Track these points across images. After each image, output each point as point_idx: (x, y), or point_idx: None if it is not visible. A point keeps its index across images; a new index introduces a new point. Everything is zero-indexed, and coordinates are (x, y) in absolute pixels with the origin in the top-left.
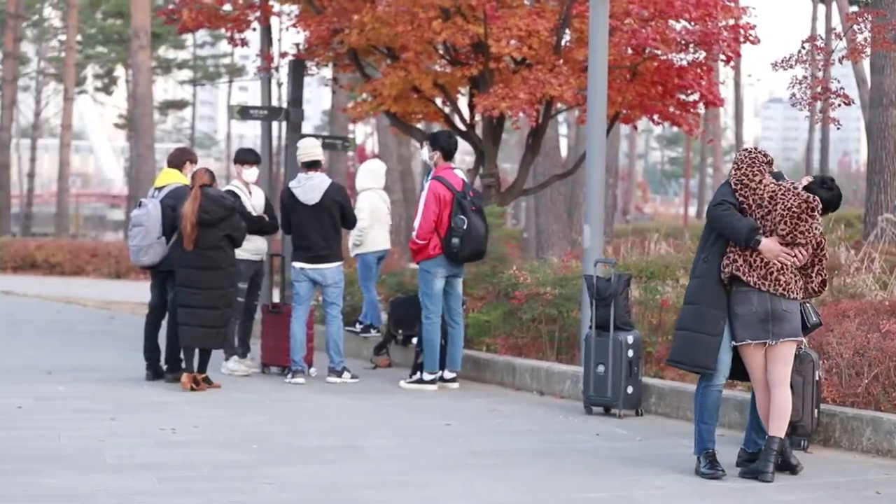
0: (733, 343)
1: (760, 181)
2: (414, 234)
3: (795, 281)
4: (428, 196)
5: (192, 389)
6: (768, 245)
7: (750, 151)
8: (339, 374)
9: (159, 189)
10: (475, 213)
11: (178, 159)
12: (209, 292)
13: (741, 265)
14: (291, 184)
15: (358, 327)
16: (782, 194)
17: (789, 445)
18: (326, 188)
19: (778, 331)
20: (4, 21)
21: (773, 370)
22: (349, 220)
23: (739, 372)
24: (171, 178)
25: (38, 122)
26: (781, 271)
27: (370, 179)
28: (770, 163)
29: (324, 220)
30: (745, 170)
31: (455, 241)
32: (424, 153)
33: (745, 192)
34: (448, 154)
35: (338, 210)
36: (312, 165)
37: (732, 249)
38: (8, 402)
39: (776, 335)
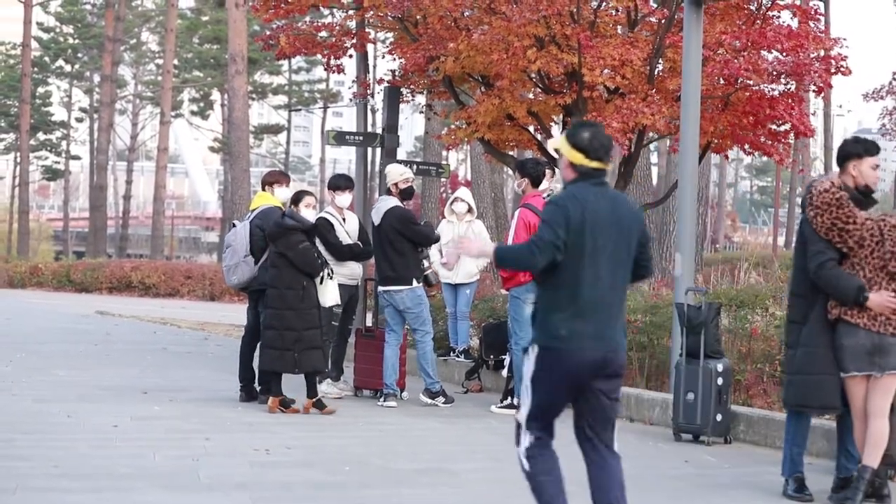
0: (842, 374)
1: (856, 220)
2: None
3: None
4: (518, 224)
5: (282, 412)
6: (877, 300)
7: (830, 192)
8: (433, 396)
9: (253, 211)
10: None
11: (265, 181)
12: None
13: (848, 308)
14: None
15: (461, 356)
16: (889, 230)
17: (886, 476)
18: (384, 211)
19: (884, 363)
20: (102, 44)
21: (873, 401)
22: (417, 240)
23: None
24: (262, 201)
25: (135, 144)
26: (893, 312)
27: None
28: (844, 192)
29: (384, 243)
30: (836, 213)
31: None
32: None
33: (842, 235)
34: (536, 181)
35: (395, 233)
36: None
37: None
38: (104, 421)
39: (882, 367)
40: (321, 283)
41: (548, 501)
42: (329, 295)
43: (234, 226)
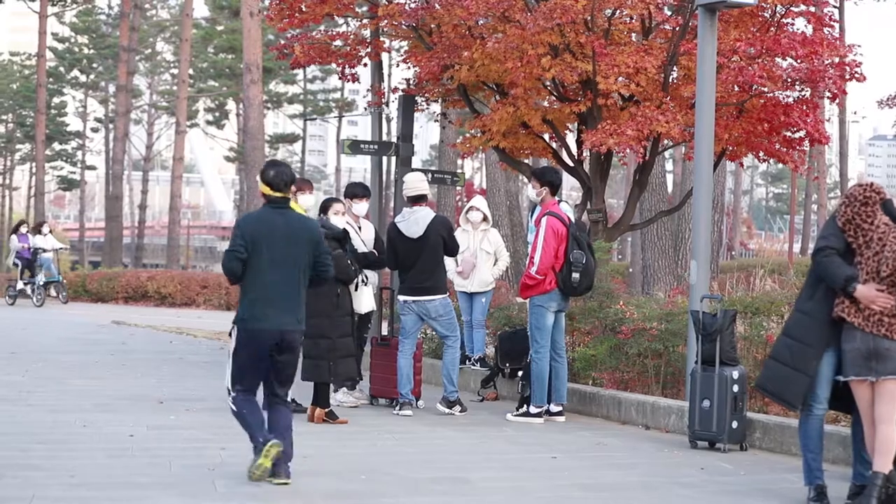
0: (842, 378)
1: (872, 222)
2: (533, 269)
3: None
4: (547, 232)
5: (325, 422)
6: (863, 292)
7: (865, 189)
8: (451, 405)
9: None
10: (587, 247)
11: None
12: None
13: (847, 306)
14: (397, 218)
15: (477, 364)
16: (893, 237)
17: None
18: (430, 221)
19: (881, 368)
20: (118, 54)
21: (878, 407)
22: (451, 251)
23: (844, 405)
24: None
25: (150, 154)
26: (885, 313)
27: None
28: (883, 199)
29: (426, 253)
30: (859, 208)
31: (576, 275)
32: (532, 190)
33: (856, 231)
34: (555, 190)
35: (440, 243)
36: (418, 200)
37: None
38: (121, 431)
39: (879, 372)
40: (356, 289)
41: (250, 425)
42: (365, 301)
43: None
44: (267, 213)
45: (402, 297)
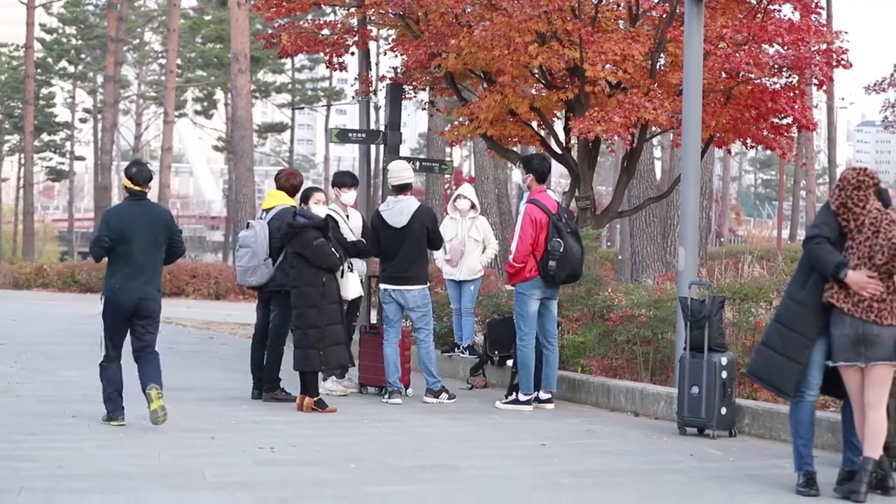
0: (831, 363)
1: (864, 206)
2: (511, 257)
3: (891, 308)
4: (524, 219)
5: (314, 410)
6: (854, 278)
7: (858, 173)
8: (437, 395)
9: (267, 211)
10: (571, 236)
11: (287, 184)
12: (293, 311)
13: (836, 292)
14: (381, 207)
15: (465, 352)
16: (887, 224)
17: (890, 467)
18: (414, 211)
19: (870, 354)
20: (105, 45)
21: (868, 392)
22: (435, 243)
23: (834, 390)
24: (277, 200)
25: (139, 144)
26: (874, 299)
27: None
28: (877, 185)
29: (410, 243)
30: (851, 192)
31: (552, 263)
32: (520, 177)
33: (848, 215)
34: (541, 177)
35: (424, 233)
36: (403, 189)
37: None
38: None
39: (868, 358)
40: (342, 276)
41: (108, 395)
42: (351, 288)
43: (248, 225)
44: (128, 204)
45: (382, 286)
